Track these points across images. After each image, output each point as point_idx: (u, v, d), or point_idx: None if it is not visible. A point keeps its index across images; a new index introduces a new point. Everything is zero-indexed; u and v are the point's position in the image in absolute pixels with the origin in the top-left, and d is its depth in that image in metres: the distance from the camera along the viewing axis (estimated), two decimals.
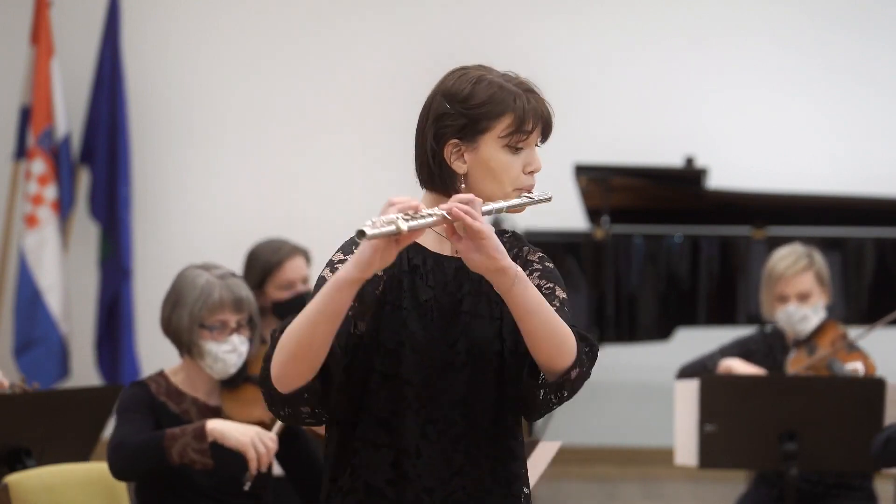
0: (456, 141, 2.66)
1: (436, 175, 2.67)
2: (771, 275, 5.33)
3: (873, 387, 4.77)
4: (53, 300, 7.64)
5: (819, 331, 5.25)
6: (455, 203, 2.50)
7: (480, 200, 2.54)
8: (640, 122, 8.39)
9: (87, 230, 8.06)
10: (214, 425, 3.77)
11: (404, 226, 2.43)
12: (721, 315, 7.08)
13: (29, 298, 7.64)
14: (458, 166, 2.66)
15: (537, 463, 3.70)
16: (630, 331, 7.04)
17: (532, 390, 2.59)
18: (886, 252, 7.07)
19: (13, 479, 3.96)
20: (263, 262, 5.17)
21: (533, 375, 2.58)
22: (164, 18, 8.43)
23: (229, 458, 3.81)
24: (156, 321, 4.01)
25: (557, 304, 2.62)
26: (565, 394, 2.61)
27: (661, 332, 7.07)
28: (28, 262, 7.64)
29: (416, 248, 2.65)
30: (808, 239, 6.68)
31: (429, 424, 2.62)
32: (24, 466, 4.18)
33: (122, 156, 7.88)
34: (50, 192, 7.68)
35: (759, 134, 8.42)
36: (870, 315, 6.90)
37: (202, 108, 8.43)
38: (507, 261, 2.50)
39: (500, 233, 2.70)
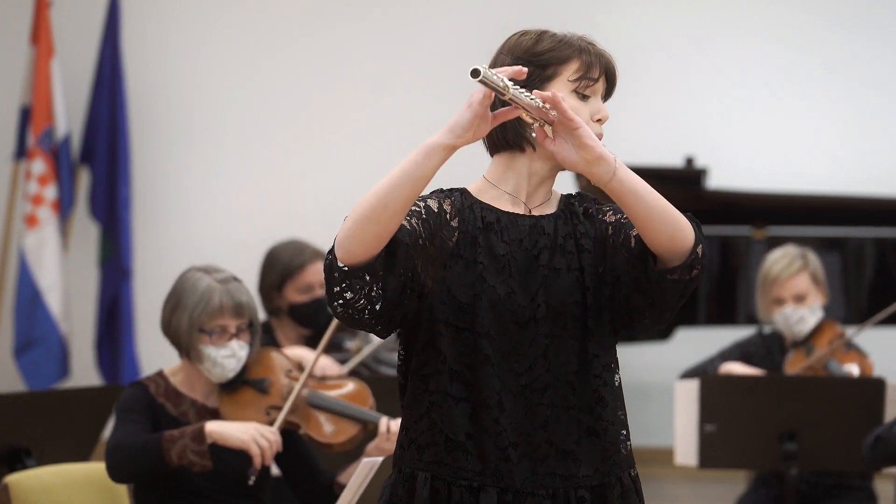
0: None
1: (508, 129, 2.65)
2: (766, 278, 5.34)
3: (873, 387, 4.77)
4: (53, 300, 7.63)
5: (817, 331, 5.25)
6: (549, 93, 2.51)
7: (561, 96, 2.54)
8: (640, 122, 8.38)
9: (87, 230, 8.06)
10: (213, 427, 3.76)
11: (510, 84, 2.43)
12: (721, 315, 7.08)
13: (29, 298, 7.63)
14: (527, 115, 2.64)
15: None
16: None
17: (663, 278, 2.58)
18: (886, 252, 7.07)
19: (13, 479, 3.96)
20: (284, 264, 5.16)
21: (657, 264, 2.57)
22: (164, 18, 8.43)
23: (230, 456, 3.81)
24: (156, 322, 4.01)
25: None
26: (695, 272, 2.61)
27: (661, 332, 7.07)
28: (28, 262, 7.64)
29: (489, 208, 2.65)
30: (809, 239, 6.70)
31: (512, 377, 2.59)
32: (24, 466, 4.19)
33: (122, 156, 7.88)
34: (50, 192, 7.67)
35: (759, 134, 8.42)
36: (869, 315, 6.90)
37: (202, 108, 8.43)
38: (603, 148, 2.54)
39: (570, 195, 2.75)
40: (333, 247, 2.51)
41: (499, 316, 2.59)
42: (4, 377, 7.91)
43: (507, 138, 2.67)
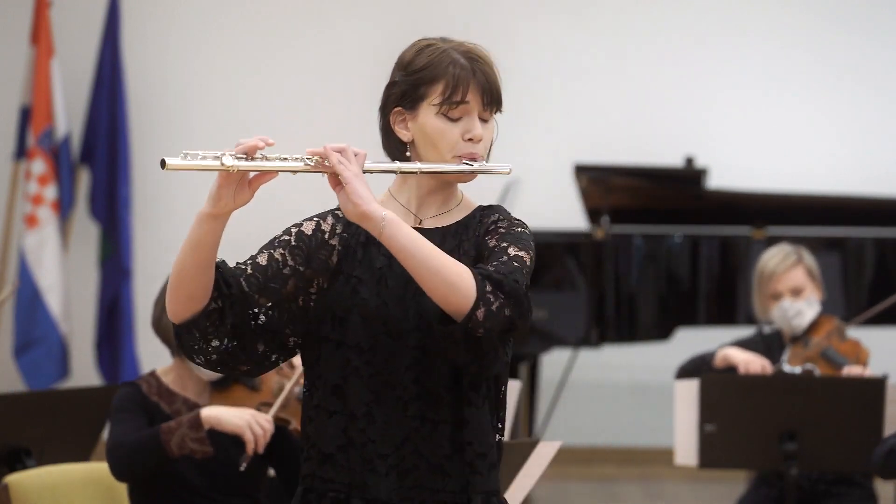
0: (399, 108, 2.69)
1: (386, 145, 2.73)
2: (762, 275, 5.34)
3: (873, 387, 4.77)
4: (53, 300, 7.64)
5: (814, 326, 5.26)
6: (320, 149, 2.57)
7: (361, 152, 2.60)
8: (640, 122, 8.39)
9: (87, 230, 8.06)
10: (209, 412, 3.79)
11: (230, 161, 2.51)
12: (721, 315, 7.08)
13: (29, 298, 7.64)
14: (403, 133, 2.69)
15: (537, 463, 3.70)
16: (630, 331, 7.04)
17: (444, 336, 2.53)
18: (886, 252, 7.07)
19: (13, 479, 3.96)
20: None
21: (442, 322, 2.53)
22: (164, 18, 8.43)
23: (226, 443, 3.82)
24: None
25: (504, 258, 2.58)
26: (480, 333, 2.49)
27: (661, 332, 7.07)
28: (28, 262, 7.64)
29: None
30: (809, 239, 6.70)
31: (383, 389, 2.60)
32: (24, 466, 4.18)
33: (122, 156, 7.88)
34: (50, 192, 7.68)
35: (759, 134, 8.43)
36: (875, 317, 6.90)
37: (202, 108, 8.43)
38: (371, 206, 2.51)
39: (485, 207, 2.72)
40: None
41: (370, 328, 2.61)
42: (4, 377, 7.91)
43: (391, 149, 2.73)
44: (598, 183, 7.23)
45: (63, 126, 7.79)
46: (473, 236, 2.67)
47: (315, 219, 2.73)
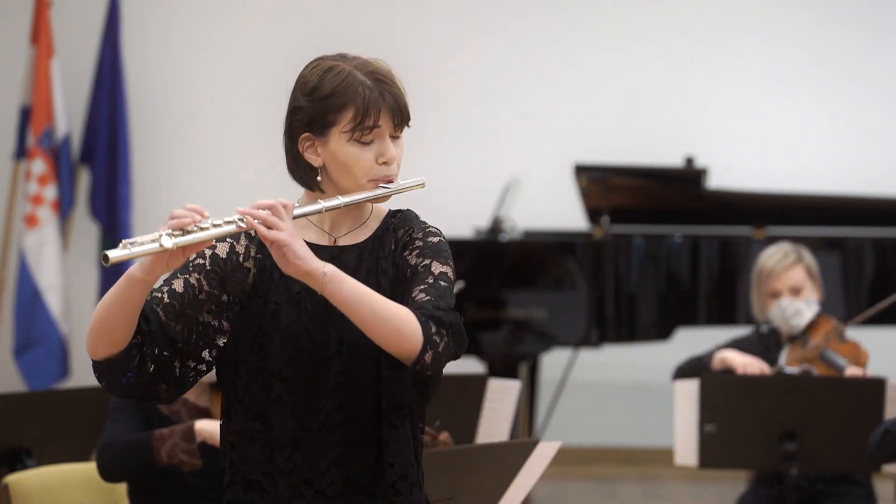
0: (308, 134, 2.66)
1: (295, 170, 2.70)
2: (761, 273, 5.34)
3: (873, 387, 4.77)
4: (53, 300, 7.64)
5: (813, 326, 5.25)
6: (252, 210, 2.50)
7: (289, 204, 2.53)
8: (639, 122, 8.38)
9: (87, 230, 8.06)
10: (203, 426, 3.78)
11: (169, 243, 2.46)
12: (721, 315, 7.07)
13: (29, 298, 7.64)
14: (313, 159, 2.67)
15: (537, 463, 3.69)
16: (630, 331, 7.03)
17: (396, 382, 2.53)
18: (886, 252, 7.06)
19: (13, 479, 3.96)
20: None
21: (391, 367, 2.53)
22: (164, 18, 8.43)
23: (219, 456, 3.82)
24: None
25: (430, 281, 2.58)
26: (429, 374, 2.51)
27: (661, 332, 7.07)
28: (28, 262, 7.64)
29: None
30: (809, 239, 6.69)
31: (308, 415, 2.59)
32: (24, 466, 4.18)
33: (122, 156, 7.88)
34: (50, 192, 7.68)
35: (759, 134, 8.42)
36: (873, 317, 6.90)
37: (202, 108, 8.43)
38: (312, 264, 2.47)
39: (394, 213, 2.70)
40: None
41: (292, 354, 2.59)
42: (4, 377, 7.91)
43: (299, 174, 2.70)
44: (598, 183, 7.23)
45: (63, 126, 7.79)
46: (390, 253, 2.65)
47: (229, 240, 2.66)
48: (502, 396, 4.61)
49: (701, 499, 7.76)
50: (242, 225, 2.49)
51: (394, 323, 2.49)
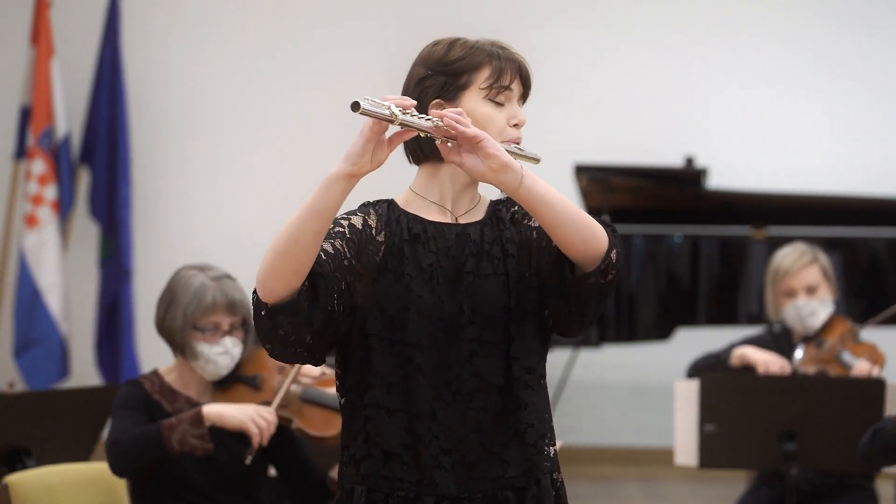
0: (438, 101, 2.67)
1: (423, 142, 2.67)
2: (777, 272, 5.33)
3: (873, 387, 4.77)
4: (53, 300, 7.64)
5: (827, 326, 5.25)
6: (446, 112, 2.53)
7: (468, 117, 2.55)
8: (640, 122, 8.39)
9: (87, 230, 8.06)
10: (211, 409, 3.79)
11: (398, 111, 2.46)
12: (721, 315, 7.07)
13: (29, 298, 7.64)
14: None
15: None
16: (630, 331, 7.04)
17: (580, 284, 2.59)
18: (887, 252, 7.06)
19: (13, 479, 3.96)
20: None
21: (573, 270, 2.59)
22: (164, 18, 8.43)
23: (227, 441, 3.82)
24: None
25: None
26: (611, 277, 2.60)
27: (661, 332, 7.07)
28: (28, 262, 7.64)
29: (416, 218, 2.68)
30: (808, 239, 6.69)
31: (443, 385, 2.62)
32: (24, 466, 4.19)
33: (122, 156, 7.88)
34: (50, 192, 7.68)
35: (759, 134, 8.43)
36: (869, 315, 6.90)
37: (202, 108, 8.43)
38: (509, 156, 2.53)
39: (497, 201, 2.76)
40: (256, 287, 2.54)
41: (428, 325, 2.62)
42: (4, 377, 7.91)
43: (423, 150, 2.70)
44: (598, 183, 7.23)
45: (63, 126, 7.79)
46: (510, 224, 2.71)
47: (359, 213, 2.69)
48: None
49: (701, 499, 7.76)
50: (440, 123, 2.52)
51: (584, 220, 2.57)
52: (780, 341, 5.33)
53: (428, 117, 2.53)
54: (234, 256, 5.40)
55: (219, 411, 3.79)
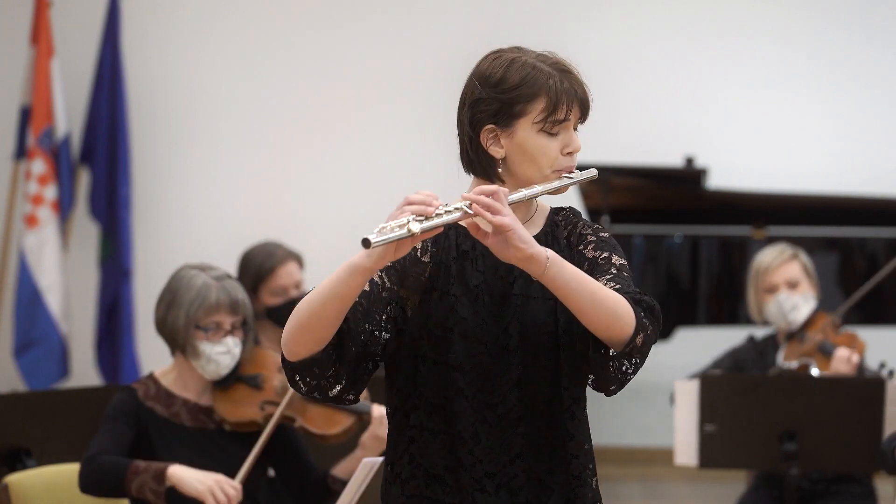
0: (492, 126, 2.63)
1: (474, 160, 2.66)
2: (758, 269, 5.36)
3: (873, 387, 4.77)
4: (53, 300, 7.63)
5: (809, 322, 5.26)
6: (477, 196, 2.47)
7: (506, 190, 2.50)
8: (640, 122, 8.38)
9: (87, 230, 8.06)
10: (175, 471, 3.75)
11: (416, 228, 2.42)
12: (721, 315, 7.08)
13: (29, 298, 7.63)
14: (496, 151, 2.64)
15: None
16: None
17: (602, 364, 2.55)
18: (887, 252, 7.06)
19: (13, 479, 3.97)
20: (256, 268, 5.18)
21: (598, 349, 2.54)
22: (164, 18, 8.43)
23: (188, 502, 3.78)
24: None
25: (614, 272, 2.60)
26: (637, 361, 2.55)
27: (661, 332, 7.06)
28: (28, 262, 7.64)
29: (466, 233, 2.63)
30: (809, 239, 6.69)
31: (487, 409, 2.60)
32: (24, 466, 4.18)
33: (122, 156, 7.88)
34: (50, 192, 7.67)
35: (759, 134, 8.42)
36: (869, 315, 6.90)
37: (202, 108, 8.43)
38: (535, 248, 2.46)
39: (557, 210, 2.71)
40: (281, 345, 2.57)
41: (471, 347, 2.60)
42: (4, 377, 7.91)
43: (474, 167, 2.68)
44: (598, 183, 7.23)
45: (63, 126, 7.79)
46: (565, 247, 2.66)
47: None
48: None
49: (701, 499, 7.76)
50: (469, 211, 2.47)
51: (611, 306, 2.49)
52: (763, 348, 5.34)
53: (457, 206, 2.47)
54: (234, 257, 5.40)
55: (181, 475, 3.74)
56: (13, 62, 8.09)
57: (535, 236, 2.60)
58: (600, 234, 2.67)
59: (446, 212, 2.46)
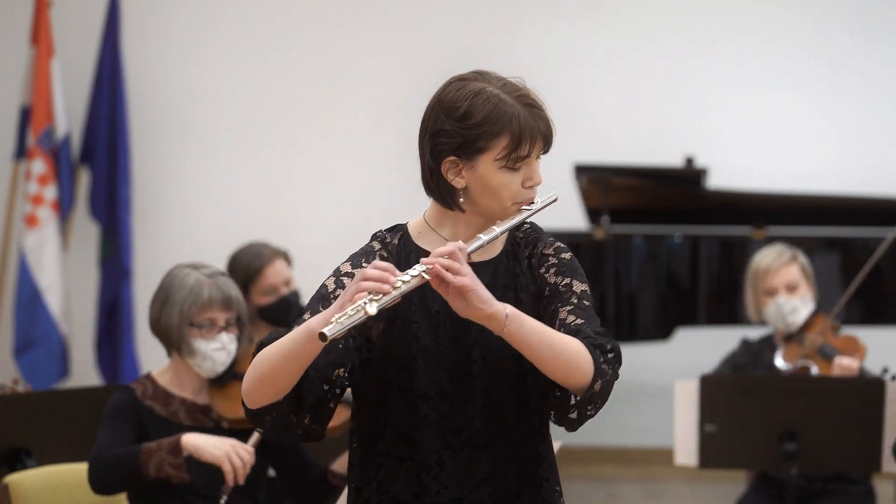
0: (454, 158, 2.62)
1: (434, 188, 2.65)
2: (757, 271, 5.35)
3: (873, 387, 4.77)
4: (53, 300, 7.63)
5: (808, 325, 5.26)
6: (435, 259, 2.47)
7: (464, 247, 2.50)
8: (640, 122, 8.38)
9: (87, 230, 8.06)
10: (189, 439, 3.77)
11: (373, 310, 2.43)
12: (721, 315, 7.07)
13: (29, 298, 7.63)
14: (457, 182, 2.63)
15: None
16: (630, 331, 7.03)
17: (562, 408, 2.57)
18: (887, 252, 7.06)
19: (13, 479, 3.96)
20: (244, 269, 5.18)
21: (557, 393, 2.56)
22: (164, 18, 8.43)
23: (207, 471, 3.80)
24: None
25: (575, 301, 2.60)
26: (598, 403, 2.57)
27: (661, 332, 7.07)
28: (28, 262, 7.64)
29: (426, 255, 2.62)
30: (809, 239, 6.69)
31: (451, 435, 2.61)
32: (24, 466, 4.18)
33: (122, 156, 7.88)
34: (50, 192, 7.68)
35: (759, 134, 8.42)
36: (869, 315, 6.89)
37: (202, 108, 8.43)
38: (495, 307, 2.47)
39: (519, 227, 2.69)
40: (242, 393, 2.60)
41: (434, 374, 2.60)
42: (4, 377, 7.90)
43: (439, 193, 2.66)
44: (598, 183, 7.23)
45: (63, 126, 7.79)
46: (527, 269, 2.66)
47: (375, 253, 2.66)
48: None
49: (701, 499, 7.76)
50: (427, 277, 2.47)
51: (569, 356, 2.51)
52: (758, 349, 5.34)
53: (414, 273, 2.47)
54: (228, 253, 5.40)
55: (196, 442, 3.76)
56: (13, 62, 8.09)
57: (495, 257, 2.64)
58: (562, 256, 2.67)
59: (404, 282, 2.46)
